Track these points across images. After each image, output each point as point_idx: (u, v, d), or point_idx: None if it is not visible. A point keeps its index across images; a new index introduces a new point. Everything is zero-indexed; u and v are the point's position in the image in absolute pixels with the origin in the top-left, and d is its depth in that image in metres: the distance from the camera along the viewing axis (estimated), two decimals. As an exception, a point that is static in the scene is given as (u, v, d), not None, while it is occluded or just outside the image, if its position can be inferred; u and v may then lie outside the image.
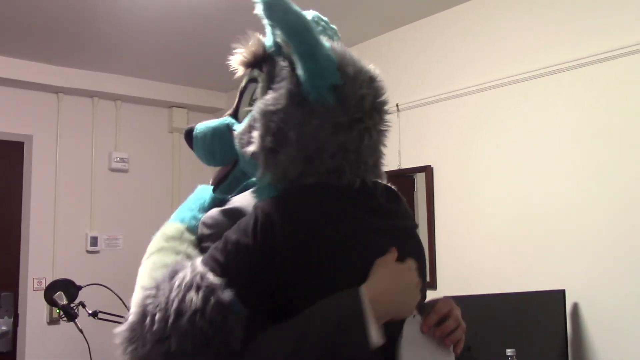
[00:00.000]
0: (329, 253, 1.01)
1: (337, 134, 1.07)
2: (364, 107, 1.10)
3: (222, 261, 0.99)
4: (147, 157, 5.32)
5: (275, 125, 1.06)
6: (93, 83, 4.88)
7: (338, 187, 1.08)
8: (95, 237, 4.96)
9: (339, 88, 1.07)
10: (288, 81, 1.08)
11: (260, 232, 0.99)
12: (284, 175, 1.08)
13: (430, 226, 3.67)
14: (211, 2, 3.54)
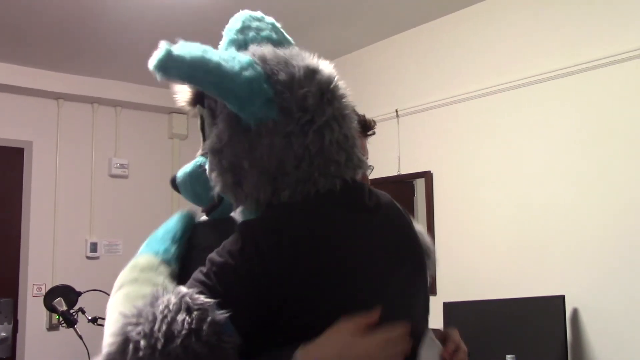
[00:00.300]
0: (318, 266, 0.98)
1: (292, 145, 1.03)
2: (309, 106, 1.05)
3: (210, 284, 0.96)
4: (147, 163, 5.32)
5: (227, 161, 1.06)
6: (93, 89, 4.89)
7: (320, 195, 1.05)
8: (95, 243, 4.95)
9: (276, 99, 1.03)
10: (225, 113, 1.07)
11: (245, 252, 0.97)
12: (257, 201, 1.06)
13: (430, 231, 3.67)
14: (211, 8, 3.55)
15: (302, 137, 1.04)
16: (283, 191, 1.04)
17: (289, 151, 1.03)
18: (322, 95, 1.07)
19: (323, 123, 1.05)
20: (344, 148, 1.08)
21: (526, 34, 3.27)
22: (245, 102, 1.02)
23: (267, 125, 1.03)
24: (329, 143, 1.05)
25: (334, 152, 1.06)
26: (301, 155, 1.04)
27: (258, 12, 1.31)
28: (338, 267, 1.00)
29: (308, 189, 1.05)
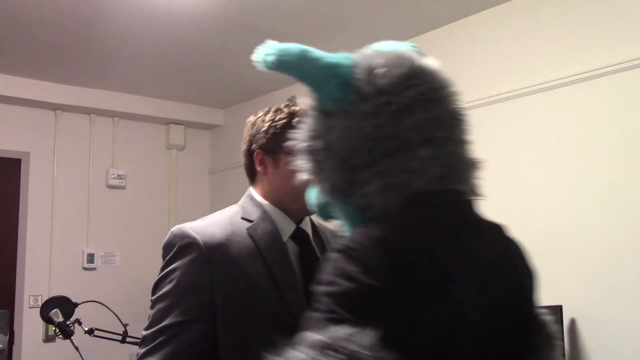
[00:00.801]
0: (425, 283, 0.93)
1: (364, 125, 0.99)
2: (386, 88, 1.00)
3: (338, 317, 0.89)
4: (145, 174, 5.32)
5: (306, 145, 1.06)
6: (90, 100, 4.90)
7: (414, 203, 0.99)
8: (91, 254, 4.94)
9: (353, 81, 1.01)
10: (311, 105, 1.08)
11: (360, 271, 0.91)
12: (333, 187, 1.03)
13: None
14: (208, 20, 3.56)
15: (376, 118, 0.99)
16: (364, 185, 0.99)
17: (362, 131, 0.99)
18: (405, 77, 1.02)
19: (402, 105, 0.99)
20: (431, 142, 1.00)
21: (527, 43, 3.28)
22: (320, 82, 1.03)
23: (343, 107, 1.01)
24: (408, 128, 0.99)
25: (416, 143, 1.00)
26: (375, 136, 0.99)
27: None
28: (443, 293, 0.95)
29: (395, 187, 0.99)
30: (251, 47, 1.31)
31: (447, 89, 1.07)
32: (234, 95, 5.12)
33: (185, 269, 1.41)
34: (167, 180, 5.46)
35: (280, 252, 1.48)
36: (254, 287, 1.42)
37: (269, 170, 1.54)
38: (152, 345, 1.38)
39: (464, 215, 1.06)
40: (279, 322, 1.39)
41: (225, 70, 4.47)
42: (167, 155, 5.49)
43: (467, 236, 1.02)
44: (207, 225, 1.49)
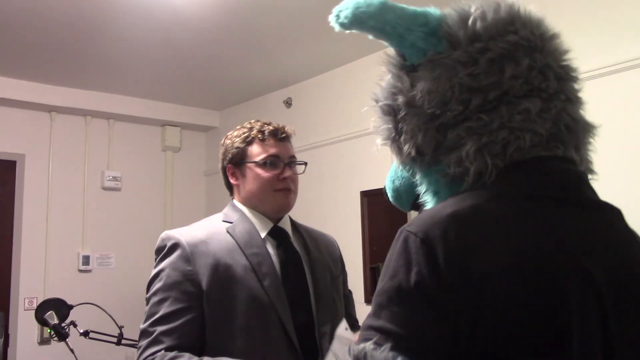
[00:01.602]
0: (512, 282, 0.76)
1: (457, 73, 0.86)
2: (481, 32, 0.87)
3: (385, 326, 0.77)
4: (140, 176, 5.31)
5: (385, 103, 0.94)
6: (86, 102, 4.89)
7: (514, 172, 0.84)
8: (87, 256, 4.93)
9: (441, 31, 0.89)
10: (391, 61, 0.96)
11: (414, 263, 0.77)
12: (417, 151, 0.89)
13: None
14: (204, 22, 3.56)
15: (470, 66, 0.86)
16: (455, 147, 0.86)
17: (453, 81, 0.86)
18: (505, 22, 0.89)
19: (502, 52, 0.86)
20: (538, 94, 0.86)
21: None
22: (404, 32, 0.90)
23: (429, 58, 0.89)
24: (510, 77, 0.86)
25: (520, 95, 0.86)
26: (470, 86, 0.86)
27: None
28: (543, 287, 0.78)
29: (493, 148, 0.84)
30: (247, 49, 1.31)
31: (556, 38, 0.92)
32: (230, 97, 5.12)
33: (172, 265, 1.61)
34: (163, 182, 5.46)
35: (258, 246, 1.68)
36: (232, 275, 1.60)
37: (240, 180, 1.78)
38: (152, 337, 1.54)
39: (577, 191, 0.88)
40: (258, 304, 1.59)
41: (221, 72, 4.47)
42: (162, 157, 5.49)
43: (581, 218, 0.85)
44: (190, 228, 1.72)
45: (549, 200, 0.84)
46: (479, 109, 0.85)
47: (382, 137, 0.96)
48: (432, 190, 0.93)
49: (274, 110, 4.87)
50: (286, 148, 1.80)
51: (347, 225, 4.16)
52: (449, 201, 0.84)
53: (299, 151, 4.53)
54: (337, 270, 1.88)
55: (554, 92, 0.88)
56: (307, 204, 4.50)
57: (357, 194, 4.11)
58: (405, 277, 0.77)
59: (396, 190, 1.15)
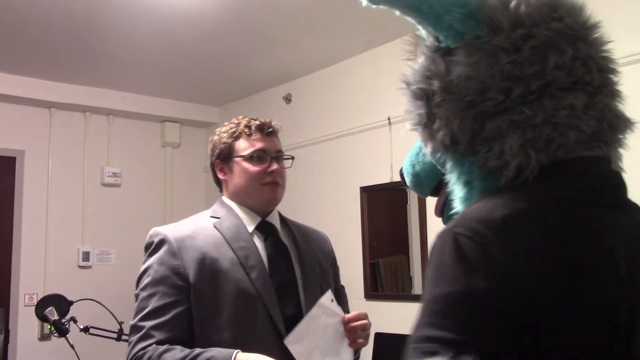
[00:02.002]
0: (570, 283, 0.75)
1: (498, 60, 0.82)
2: (524, 18, 0.83)
3: (439, 335, 0.73)
4: (140, 172, 5.31)
5: (418, 87, 0.88)
6: (85, 98, 4.89)
7: (555, 172, 0.81)
8: (87, 252, 4.93)
9: (480, 14, 0.84)
10: (425, 41, 0.91)
11: (476, 268, 0.74)
12: (452, 139, 0.85)
13: (423, 239, 3.68)
14: (204, 17, 3.56)
15: (513, 53, 0.82)
16: (495, 138, 0.82)
17: (493, 68, 0.82)
18: (549, 7, 0.84)
19: (546, 39, 0.82)
20: (582, 88, 0.83)
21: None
22: (441, 12, 0.84)
23: (468, 42, 0.84)
24: (554, 67, 0.82)
25: (564, 87, 0.82)
26: (512, 74, 0.81)
27: None
28: (591, 285, 0.77)
29: (536, 144, 0.81)
30: (246, 45, 1.30)
31: (597, 28, 0.87)
32: (229, 93, 5.12)
33: (159, 260, 1.64)
34: (163, 178, 5.46)
35: (245, 240, 1.70)
36: (219, 268, 1.63)
37: (228, 175, 1.80)
38: (143, 332, 1.57)
39: (620, 196, 0.86)
40: (245, 296, 1.61)
41: (221, 68, 4.47)
42: (162, 153, 5.49)
43: (621, 221, 0.83)
44: (178, 224, 1.75)
45: (595, 205, 0.82)
46: (521, 99, 0.82)
47: (412, 122, 0.91)
48: (464, 180, 0.89)
49: (274, 106, 4.87)
50: (273, 142, 1.81)
51: (346, 221, 4.17)
52: (497, 201, 0.80)
53: (299, 147, 4.57)
54: (327, 264, 1.89)
55: (598, 86, 0.85)
56: (307, 199, 4.51)
57: (357, 189, 4.12)
58: (468, 282, 0.73)
59: (416, 176, 1.11)
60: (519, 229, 0.76)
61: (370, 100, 4.10)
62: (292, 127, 4.71)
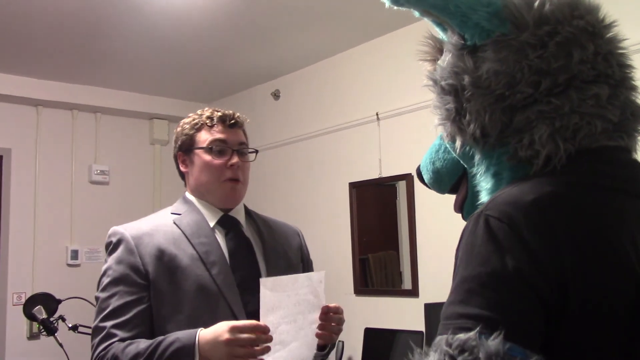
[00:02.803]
0: (596, 263, 0.79)
1: (527, 55, 0.87)
2: (549, 15, 0.88)
3: (468, 311, 0.77)
4: (128, 169, 5.29)
5: (447, 83, 0.93)
6: (72, 95, 4.86)
7: (582, 161, 0.86)
8: (75, 250, 4.91)
9: (506, 12, 0.89)
10: (450, 44, 0.95)
11: (507, 248, 0.78)
12: (482, 132, 0.89)
13: (412, 234, 3.69)
14: (193, 14, 3.54)
15: (540, 49, 0.86)
16: (525, 129, 0.86)
17: (522, 63, 0.86)
18: (569, 6, 0.89)
19: (570, 35, 0.87)
20: (605, 81, 0.88)
21: None
22: (468, 11, 0.89)
23: (495, 39, 0.89)
24: (579, 61, 0.87)
25: (591, 82, 0.87)
26: (540, 68, 0.86)
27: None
28: (618, 267, 0.80)
29: (565, 133, 0.85)
30: (235, 41, 1.30)
31: (614, 26, 0.93)
32: (218, 90, 5.10)
33: (117, 259, 1.62)
34: (152, 175, 5.44)
35: (206, 235, 1.67)
36: (178, 265, 1.60)
37: (189, 167, 1.77)
38: (104, 332, 1.55)
39: (638, 181, 0.90)
40: (206, 293, 1.59)
41: (209, 65, 4.45)
42: (150, 150, 5.47)
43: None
44: (137, 222, 1.73)
45: (619, 192, 0.86)
46: (548, 92, 0.86)
47: (441, 116, 0.95)
48: (493, 171, 0.93)
49: (262, 102, 4.86)
50: (236, 135, 1.75)
51: (336, 216, 4.17)
52: (525, 186, 0.84)
53: (287, 143, 4.56)
54: (297, 258, 1.84)
55: (620, 79, 0.89)
56: (296, 196, 4.51)
57: (346, 185, 4.12)
58: (500, 262, 0.77)
59: (437, 172, 1.12)
60: (547, 212, 0.80)
61: (359, 96, 4.10)
62: (280, 123, 4.71)
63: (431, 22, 0.99)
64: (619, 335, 0.79)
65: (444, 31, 0.98)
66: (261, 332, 1.45)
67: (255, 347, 1.43)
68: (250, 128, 1.89)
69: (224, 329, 1.43)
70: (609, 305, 0.79)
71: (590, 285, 0.78)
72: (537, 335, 0.77)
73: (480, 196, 0.98)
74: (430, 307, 3.17)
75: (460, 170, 1.06)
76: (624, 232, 0.83)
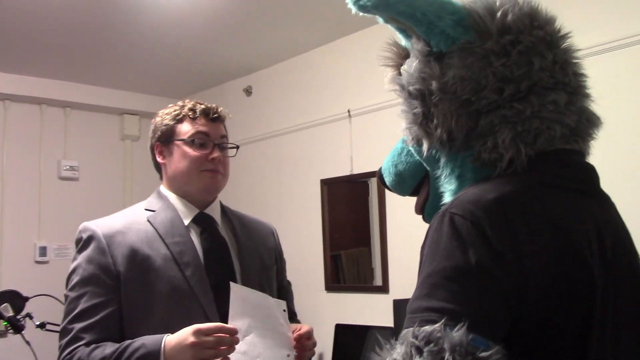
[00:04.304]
0: (554, 260, 0.84)
1: (491, 63, 0.90)
2: (511, 25, 0.92)
3: (433, 305, 0.80)
4: (98, 165, 5.23)
5: (415, 88, 0.95)
6: (41, 90, 4.79)
7: (540, 163, 0.90)
8: (44, 247, 4.85)
9: (470, 20, 0.92)
10: (415, 50, 0.97)
11: (470, 244, 0.82)
12: (449, 136, 0.93)
13: (383, 231, 3.71)
14: (164, 9, 3.51)
15: (503, 57, 0.90)
16: (489, 133, 0.90)
17: (487, 70, 0.90)
18: (529, 17, 0.94)
19: (531, 45, 0.92)
20: (563, 88, 0.93)
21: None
22: (434, 19, 0.92)
23: (460, 46, 0.92)
24: (539, 70, 0.91)
25: (549, 89, 0.92)
26: (503, 75, 0.90)
27: None
28: (576, 265, 0.85)
29: (526, 137, 0.89)
30: (207, 37, 1.29)
31: (569, 37, 0.98)
32: (190, 85, 5.07)
33: (88, 258, 1.58)
34: (122, 171, 5.39)
35: (181, 234, 1.63)
36: (151, 265, 1.56)
37: (167, 158, 1.73)
38: (72, 334, 1.51)
39: (594, 185, 0.97)
40: (179, 295, 1.55)
41: (181, 60, 4.42)
42: (121, 146, 5.41)
43: (594, 207, 0.93)
44: (109, 218, 1.69)
45: (573, 192, 0.92)
46: (511, 97, 0.90)
47: (408, 120, 0.99)
48: (458, 173, 0.96)
49: (234, 98, 4.84)
50: (218, 128, 1.74)
51: (307, 213, 4.18)
52: (488, 186, 0.88)
53: (259, 140, 4.56)
54: (271, 259, 1.81)
55: (576, 87, 0.95)
56: (267, 192, 4.50)
57: (317, 182, 4.13)
58: (463, 257, 0.81)
59: (399, 175, 1.15)
60: (508, 210, 0.84)
61: (331, 93, 4.11)
62: (252, 120, 4.70)
63: (395, 28, 1.02)
64: (574, 324, 0.84)
65: (408, 38, 1.01)
66: (227, 334, 1.43)
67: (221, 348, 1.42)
68: (222, 124, 1.88)
69: (188, 332, 1.42)
70: (566, 296, 0.83)
71: (548, 278, 0.82)
72: (499, 326, 0.80)
73: (444, 197, 1.01)
74: (399, 303, 3.20)
75: (422, 173, 1.09)
76: (580, 229, 0.88)
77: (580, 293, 0.85)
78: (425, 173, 1.09)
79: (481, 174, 0.93)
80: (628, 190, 2.59)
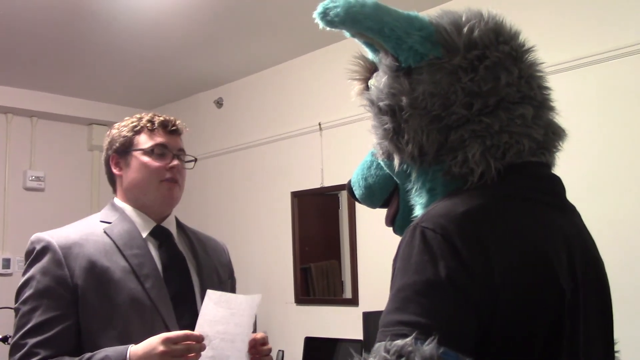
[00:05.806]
0: (524, 272, 0.85)
1: (459, 79, 0.91)
2: (478, 41, 0.93)
3: (405, 319, 0.80)
4: (65, 176, 5.15)
5: (385, 104, 0.95)
6: (7, 99, 4.71)
7: (510, 176, 0.91)
8: (7, 258, 4.75)
9: (438, 36, 0.93)
10: (384, 65, 0.98)
11: (441, 257, 0.82)
12: (420, 151, 0.93)
13: (353, 244, 3.72)
14: (134, 20, 3.49)
15: (471, 72, 0.91)
16: (459, 148, 0.91)
17: (455, 86, 0.91)
18: (494, 32, 0.95)
19: (497, 60, 0.93)
20: (529, 102, 0.94)
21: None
22: (402, 35, 0.92)
23: (429, 62, 0.93)
24: (506, 85, 0.92)
25: (517, 103, 0.93)
26: (472, 91, 0.91)
27: None
28: (545, 275, 0.87)
29: (496, 151, 0.91)
30: (177, 48, 1.29)
31: (533, 51, 0.99)
32: (160, 96, 5.04)
33: (42, 270, 1.52)
34: (89, 182, 5.31)
35: (139, 246, 1.61)
36: (110, 278, 1.53)
37: (123, 170, 1.71)
38: (24, 350, 1.45)
39: (560, 197, 0.99)
40: (139, 307, 1.53)
41: (151, 71, 4.40)
42: (89, 157, 5.34)
43: (565, 220, 0.96)
44: (64, 229, 1.65)
45: (541, 204, 0.93)
46: (480, 112, 0.91)
47: (378, 136, 0.99)
48: (428, 187, 0.97)
49: (205, 110, 4.82)
50: (175, 141, 1.74)
51: (277, 225, 4.17)
52: (458, 200, 0.89)
53: (229, 152, 4.54)
54: (226, 274, 1.82)
55: (541, 100, 0.96)
56: (237, 204, 4.48)
57: (288, 194, 4.12)
58: (434, 271, 0.81)
59: (369, 188, 1.15)
60: (478, 223, 0.85)
61: (302, 106, 4.11)
62: (223, 132, 4.68)
63: (362, 42, 1.02)
64: (544, 336, 0.85)
65: (375, 52, 1.02)
66: (194, 341, 1.42)
67: (189, 355, 1.41)
68: (192, 136, 1.87)
69: (156, 341, 1.40)
70: (535, 308, 0.85)
71: (518, 290, 0.83)
72: (469, 339, 0.81)
73: (415, 210, 1.01)
74: (369, 315, 3.20)
75: (392, 186, 1.10)
76: (549, 241, 0.89)
77: (550, 305, 0.86)
78: (395, 186, 1.09)
79: (451, 187, 0.94)
80: (595, 202, 2.64)
